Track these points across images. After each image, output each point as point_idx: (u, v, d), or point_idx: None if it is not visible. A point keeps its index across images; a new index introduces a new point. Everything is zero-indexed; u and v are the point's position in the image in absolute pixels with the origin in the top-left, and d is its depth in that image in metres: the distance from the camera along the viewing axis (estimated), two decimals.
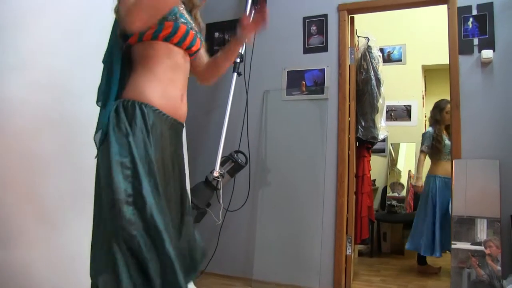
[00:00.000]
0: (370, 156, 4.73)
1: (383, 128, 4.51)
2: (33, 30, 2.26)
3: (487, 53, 3.13)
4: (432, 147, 4.27)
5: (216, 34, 4.11)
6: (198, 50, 1.77)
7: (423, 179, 4.40)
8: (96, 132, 1.55)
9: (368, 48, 4.29)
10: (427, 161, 4.37)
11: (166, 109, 1.59)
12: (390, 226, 5.34)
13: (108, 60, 1.64)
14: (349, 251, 3.50)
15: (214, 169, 3.26)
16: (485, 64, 3.18)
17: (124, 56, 1.64)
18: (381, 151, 5.85)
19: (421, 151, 4.40)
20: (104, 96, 1.59)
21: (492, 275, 2.86)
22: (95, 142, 1.54)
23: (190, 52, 1.71)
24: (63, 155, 2.30)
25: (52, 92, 2.30)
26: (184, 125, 1.76)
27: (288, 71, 3.81)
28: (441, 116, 4.27)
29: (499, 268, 2.85)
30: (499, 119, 3.13)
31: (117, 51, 1.61)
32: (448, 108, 4.02)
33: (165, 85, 1.60)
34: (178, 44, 1.62)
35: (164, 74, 1.60)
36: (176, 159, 1.71)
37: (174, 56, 1.63)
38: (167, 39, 1.58)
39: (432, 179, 4.23)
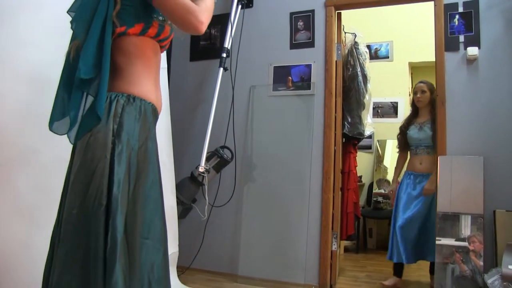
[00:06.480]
0: (356, 153, 4.76)
1: (370, 124, 4.53)
2: (14, 23, 2.22)
3: (472, 50, 3.15)
4: (400, 140, 3.83)
5: None
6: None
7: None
8: (98, 110, 1.40)
9: (355, 44, 4.30)
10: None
11: (158, 106, 1.61)
12: (376, 222, 5.38)
13: (100, 37, 1.47)
14: (334, 247, 3.51)
15: (199, 165, 3.25)
16: (471, 61, 3.20)
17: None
18: (368, 147, 5.88)
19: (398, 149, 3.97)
20: (96, 70, 1.45)
21: (475, 270, 2.88)
22: (87, 126, 1.43)
23: (162, 51, 1.73)
24: (46, 150, 2.26)
25: (35, 85, 2.26)
26: None
27: (274, 67, 3.79)
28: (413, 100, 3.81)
29: (481, 263, 2.88)
30: (483, 116, 3.15)
31: (109, 36, 1.48)
32: (416, 88, 3.71)
33: (155, 82, 1.61)
34: (161, 41, 1.64)
35: (156, 71, 1.61)
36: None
37: (158, 54, 1.65)
38: (157, 35, 1.59)
39: (403, 176, 3.77)
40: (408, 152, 3.83)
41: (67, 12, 1.54)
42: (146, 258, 1.39)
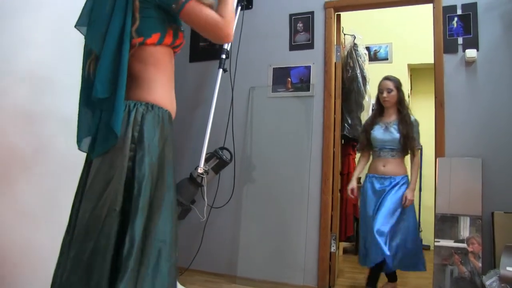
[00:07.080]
0: (356, 154, 4.75)
1: None
2: (15, 24, 2.22)
3: (471, 53, 3.16)
4: (362, 139, 3.50)
5: None
6: None
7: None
8: (114, 127, 1.40)
9: (354, 46, 4.31)
10: None
11: (173, 112, 1.63)
12: None
13: (116, 52, 1.46)
14: (333, 248, 3.51)
15: (198, 166, 3.25)
16: (469, 63, 3.21)
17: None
18: None
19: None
20: (112, 87, 1.44)
21: (473, 272, 2.89)
22: (106, 144, 1.42)
23: (175, 54, 1.72)
24: (45, 151, 2.26)
25: (35, 85, 2.26)
26: None
27: (274, 68, 3.80)
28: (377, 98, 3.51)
29: (480, 265, 2.88)
30: (482, 118, 3.16)
31: (127, 46, 1.46)
32: (381, 86, 3.45)
33: (171, 88, 1.62)
34: (175, 48, 1.64)
35: (171, 77, 1.62)
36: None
37: (173, 59, 1.65)
38: (172, 43, 1.59)
39: (364, 181, 3.49)
40: (371, 153, 3.54)
41: (75, 27, 1.55)
42: (158, 261, 1.40)
